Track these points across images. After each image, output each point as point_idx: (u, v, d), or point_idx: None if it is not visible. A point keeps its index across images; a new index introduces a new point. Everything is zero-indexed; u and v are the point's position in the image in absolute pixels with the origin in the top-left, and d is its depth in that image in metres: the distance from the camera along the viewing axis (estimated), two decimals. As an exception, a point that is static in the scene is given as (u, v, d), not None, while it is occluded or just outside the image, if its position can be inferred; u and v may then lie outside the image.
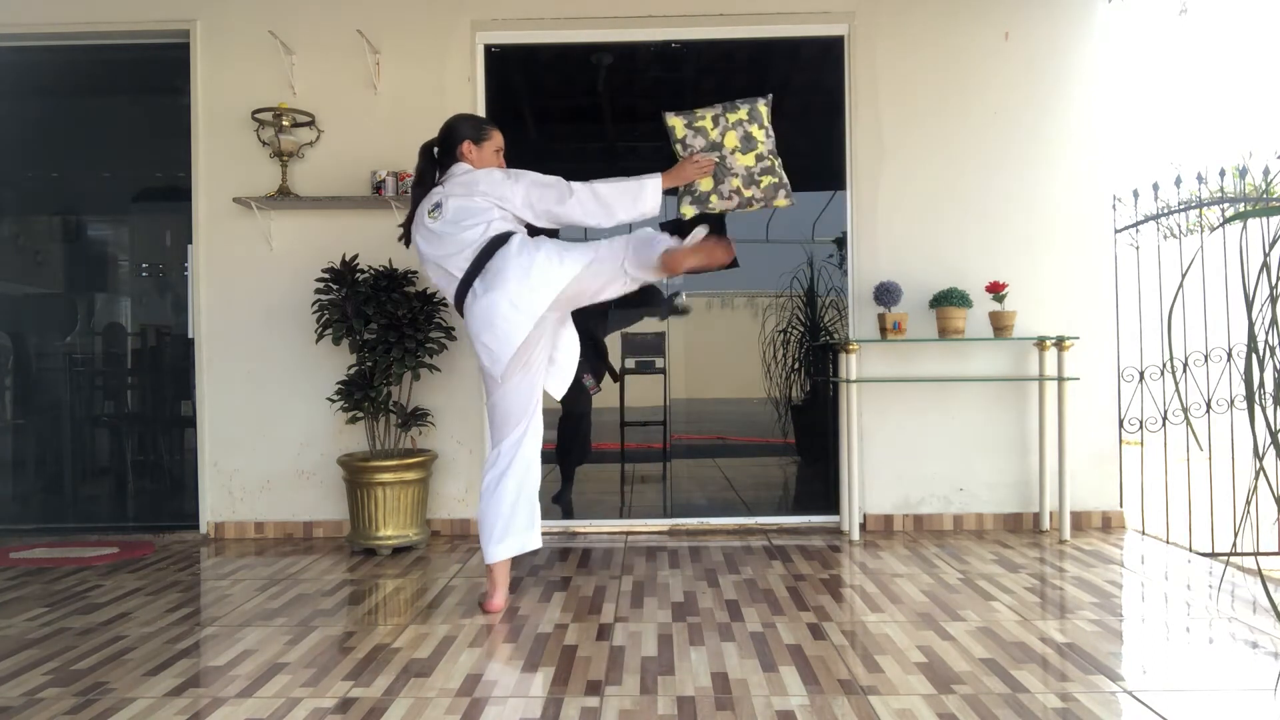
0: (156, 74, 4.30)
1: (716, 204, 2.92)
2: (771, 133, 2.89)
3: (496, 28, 4.09)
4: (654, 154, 4.37)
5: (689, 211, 2.90)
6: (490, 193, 2.72)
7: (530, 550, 2.86)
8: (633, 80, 4.27)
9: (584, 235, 3.43)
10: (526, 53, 4.17)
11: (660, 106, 4.02)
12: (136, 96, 4.45)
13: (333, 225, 4.04)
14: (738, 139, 2.86)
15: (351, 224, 4.04)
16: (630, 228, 2.85)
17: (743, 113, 2.86)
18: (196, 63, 4.08)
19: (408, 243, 2.89)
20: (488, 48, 4.13)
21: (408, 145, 4.01)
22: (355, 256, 3.77)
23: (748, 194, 2.89)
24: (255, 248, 4.05)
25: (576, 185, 2.75)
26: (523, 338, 2.63)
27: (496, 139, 2.92)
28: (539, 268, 2.61)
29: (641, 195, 2.77)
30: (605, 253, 2.70)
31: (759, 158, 2.86)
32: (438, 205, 2.76)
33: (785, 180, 2.91)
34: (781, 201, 2.92)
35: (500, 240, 2.67)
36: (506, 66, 4.16)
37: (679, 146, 2.87)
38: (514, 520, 2.84)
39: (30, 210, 4.44)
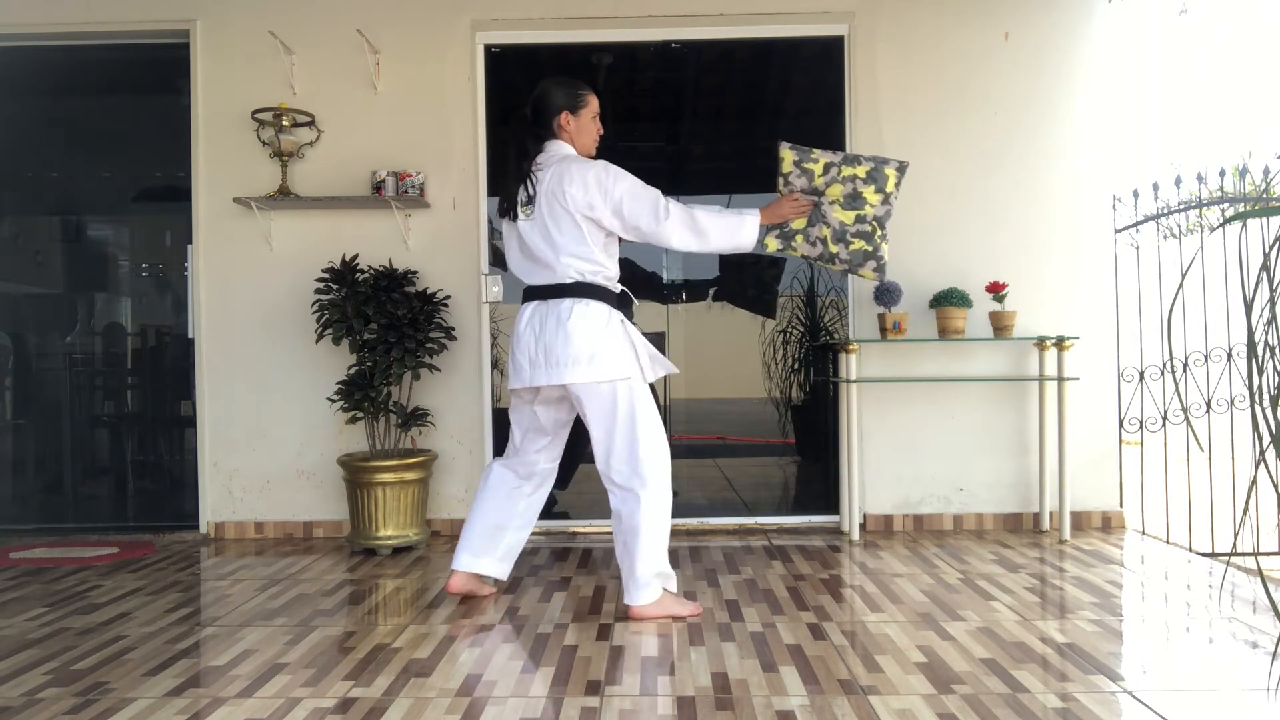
0: (156, 74, 4.30)
1: (800, 246, 2.83)
2: (891, 200, 2.79)
3: (496, 28, 4.09)
4: (654, 154, 4.39)
5: (772, 245, 2.83)
6: (579, 198, 2.61)
7: (486, 574, 2.91)
8: (633, 80, 4.27)
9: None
10: (526, 53, 4.17)
11: (660, 106, 4.03)
12: (136, 96, 4.45)
13: (333, 225, 4.04)
14: (843, 193, 2.77)
15: (351, 224, 4.04)
16: None
17: (861, 170, 2.75)
18: (196, 63, 4.08)
19: (511, 215, 2.73)
20: (488, 48, 4.13)
21: (408, 145, 4.04)
22: (355, 256, 3.77)
23: (833, 249, 2.80)
24: (255, 248, 4.05)
25: (674, 206, 2.66)
26: (518, 386, 2.73)
27: (593, 104, 2.78)
28: (598, 362, 2.63)
29: (740, 230, 2.72)
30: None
31: (859, 219, 2.77)
32: (531, 201, 2.67)
33: (881, 254, 2.82)
34: (868, 274, 2.84)
35: (574, 292, 2.65)
36: (506, 66, 4.16)
37: (781, 180, 2.80)
38: (499, 543, 2.89)
39: (30, 210, 4.44)
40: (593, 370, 2.61)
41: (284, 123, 3.91)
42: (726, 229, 2.71)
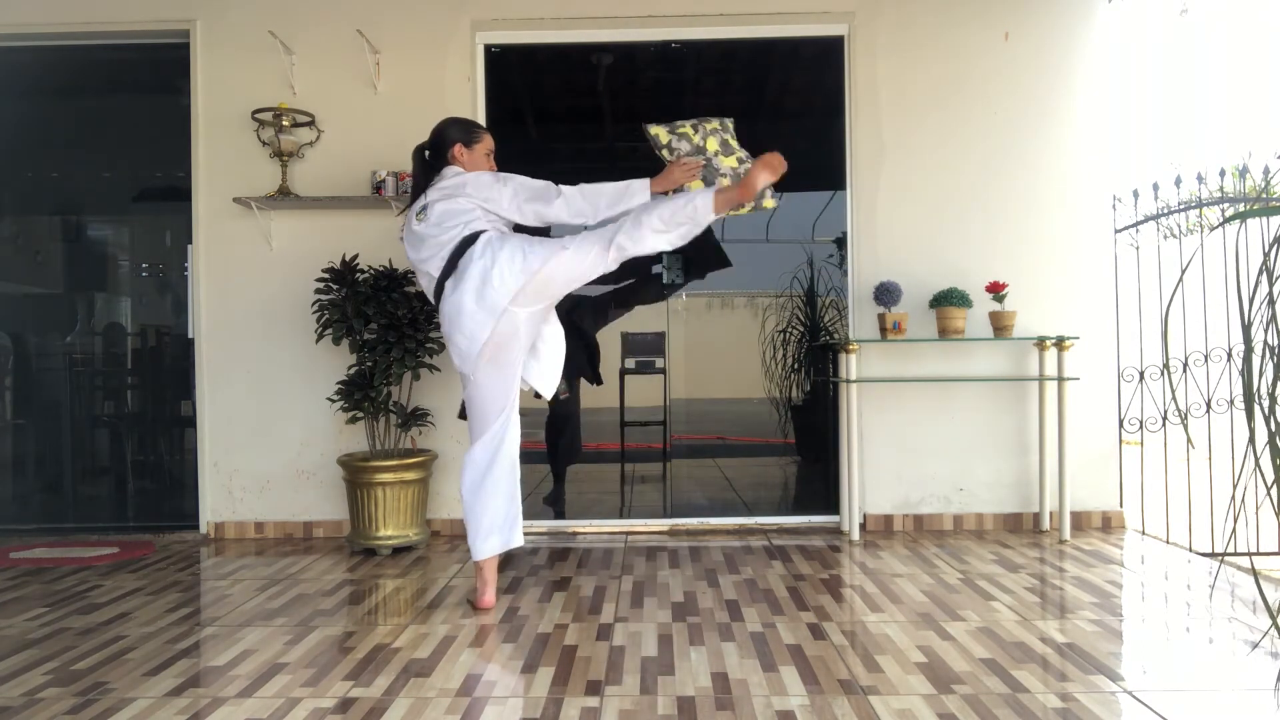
0: (156, 74, 4.31)
1: None
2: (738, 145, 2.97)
3: (496, 28, 4.09)
4: (654, 154, 4.38)
5: None
6: (475, 194, 2.77)
7: (514, 547, 2.90)
8: (633, 80, 4.27)
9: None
10: (526, 53, 4.17)
11: (660, 106, 4.03)
12: (136, 96, 4.45)
13: (333, 225, 4.04)
14: (718, 143, 2.94)
15: (351, 224, 4.04)
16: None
17: (715, 123, 2.96)
18: (196, 63, 4.08)
19: (407, 227, 2.94)
20: (488, 48, 4.13)
21: (408, 145, 4.00)
22: (355, 256, 3.77)
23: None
24: (255, 248, 4.05)
25: (564, 187, 2.81)
26: (486, 334, 2.69)
27: (487, 142, 2.97)
28: (501, 264, 2.67)
29: (629, 197, 2.81)
30: (583, 241, 2.75)
31: (740, 160, 2.93)
32: (425, 208, 2.82)
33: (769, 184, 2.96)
34: (769, 202, 2.97)
35: (470, 240, 2.73)
36: (506, 66, 4.16)
37: (665, 152, 2.94)
38: (499, 517, 2.87)
39: (30, 210, 4.44)
40: (514, 277, 2.67)
41: (284, 123, 3.91)
42: (614, 194, 2.82)
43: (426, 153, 2.95)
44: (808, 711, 1.99)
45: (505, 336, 2.74)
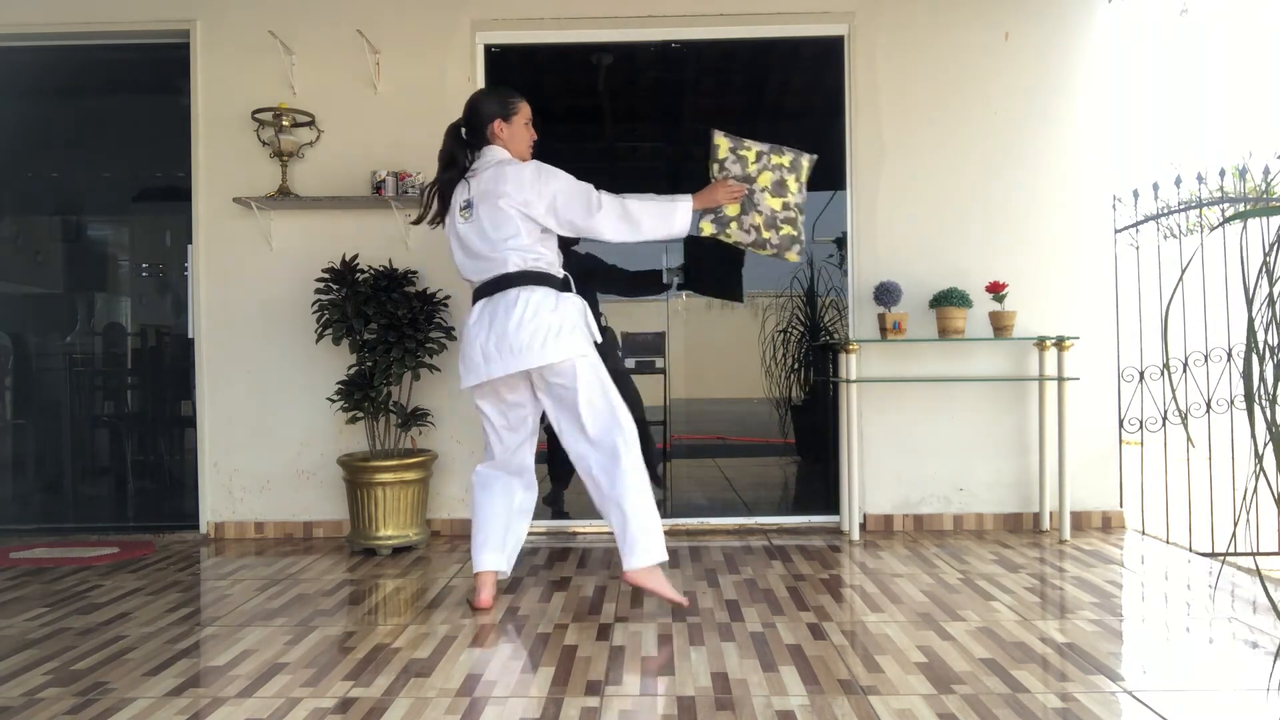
0: (156, 74, 4.30)
1: (734, 232, 2.91)
2: (804, 190, 2.93)
3: (496, 28, 4.09)
4: (654, 154, 4.39)
5: (707, 229, 2.90)
6: (515, 196, 2.68)
7: (497, 570, 2.90)
8: (633, 80, 4.27)
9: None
10: (526, 53, 4.17)
11: (660, 106, 4.02)
12: (136, 96, 4.45)
13: (333, 225, 4.04)
14: (771, 181, 2.88)
15: (351, 224, 4.04)
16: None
17: (785, 159, 2.89)
18: (196, 63, 4.08)
19: (436, 222, 2.88)
20: (488, 48, 4.13)
21: (408, 145, 4.04)
22: (355, 256, 3.77)
23: (765, 235, 2.90)
24: (255, 248, 4.05)
25: (606, 199, 2.72)
26: (472, 383, 2.75)
27: (525, 110, 2.87)
28: (524, 342, 2.65)
29: (672, 216, 2.76)
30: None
31: (786, 206, 2.88)
32: (469, 205, 2.75)
33: (802, 237, 2.95)
34: (792, 256, 2.95)
35: (522, 280, 2.68)
36: (506, 66, 4.16)
37: (715, 166, 2.89)
38: (508, 538, 2.91)
39: (30, 210, 4.44)
40: (548, 352, 2.64)
41: (284, 123, 3.91)
42: (659, 215, 2.76)
43: (463, 130, 2.85)
44: (808, 711, 1.99)
45: (510, 402, 2.81)
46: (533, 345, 2.63)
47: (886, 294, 3.82)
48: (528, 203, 2.69)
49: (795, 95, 4.34)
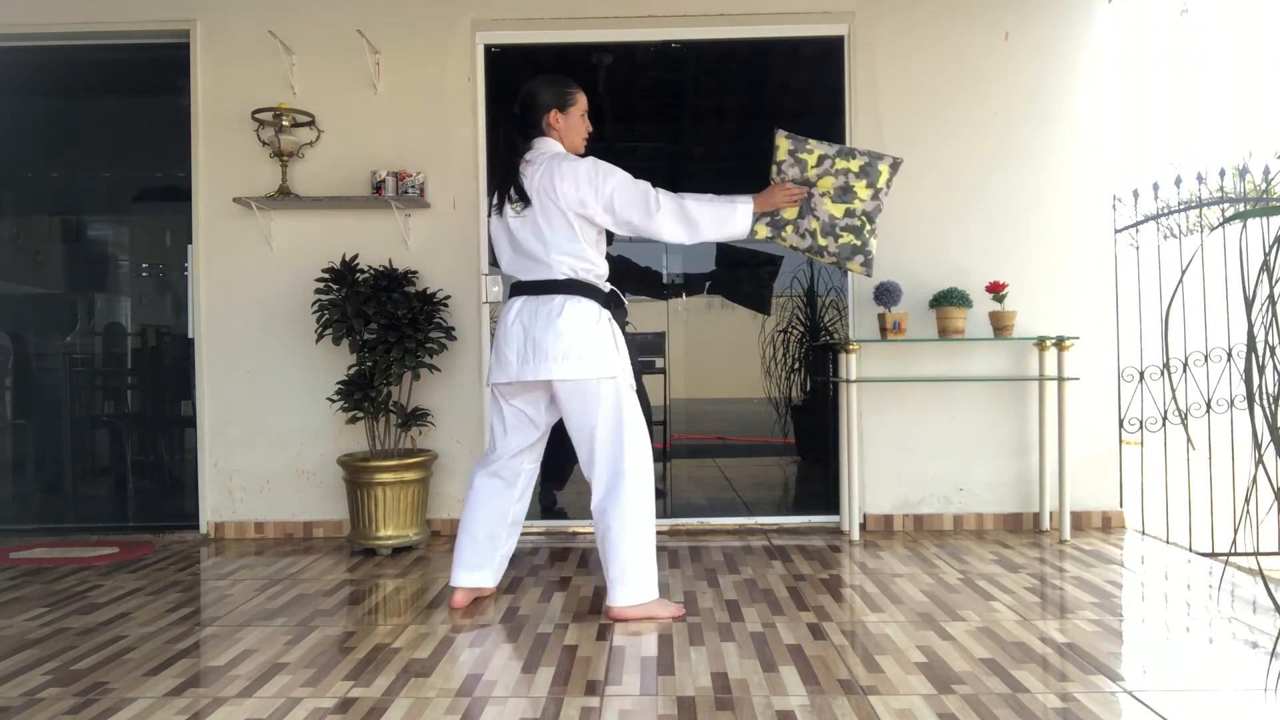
0: (156, 74, 4.30)
1: (789, 236, 2.82)
2: (882, 196, 2.78)
3: (496, 28, 4.09)
4: (654, 154, 4.39)
5: (762, 233, 2.81)
6: (571, 196, 2.61)
7: (478, 588, 2.88)
8: (633, 80, 4.27)
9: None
10: (526, 53, 4.17)
11: (660, 106, 4.03)
12: (136, 96, 4.45)
13: (333, 225, 4.04)
14: (834, 186, 2.77)
15: (351, 224, 4.04)
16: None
17: (855, 164, 2.75)
18: (196, 63, 4.08)
19: (499, 211, 2.73)
20: (488, 48, 4.13)
21: (408, 145, 4.04)
22: (355, 256, 3.77)
23: (822, 243, 2.79)
24: (255, 248, 4.05)
25: (664, 198, 2.66)
26: (501, 381, 2.71)
27: (582, 101, 2.80)
28: (568, 358, 2.61)
29: (732, 219, 2.71)
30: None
31: (849, 213, 2.76)
32: (522, 197, 2.67)
33: (869, 249, 2.80)
34: (855, 267, 2.82)
35: (566, 289, 2.64)
36: (506, 66, 4.16)
37: (775, 168, 2.80)
38: (495, 553, 2.87)
39: (30, 210, 4.44)
40: (582, 367, 2.60)
41: (284, 123, 3.91)
42: (718, 218, 2.70)
43: (518, 111, 2.76)
44: (808, 711, 1.99)
45: (525, 401, 2.78)
46: (569, 357, 2.59)
47: (886, 294, 3.82)
48: (584, 202, 2.62)
49: (795, 95, 4.34)
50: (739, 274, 4.28)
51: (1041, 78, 4.04)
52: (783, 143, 2.79)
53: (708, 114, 4.37)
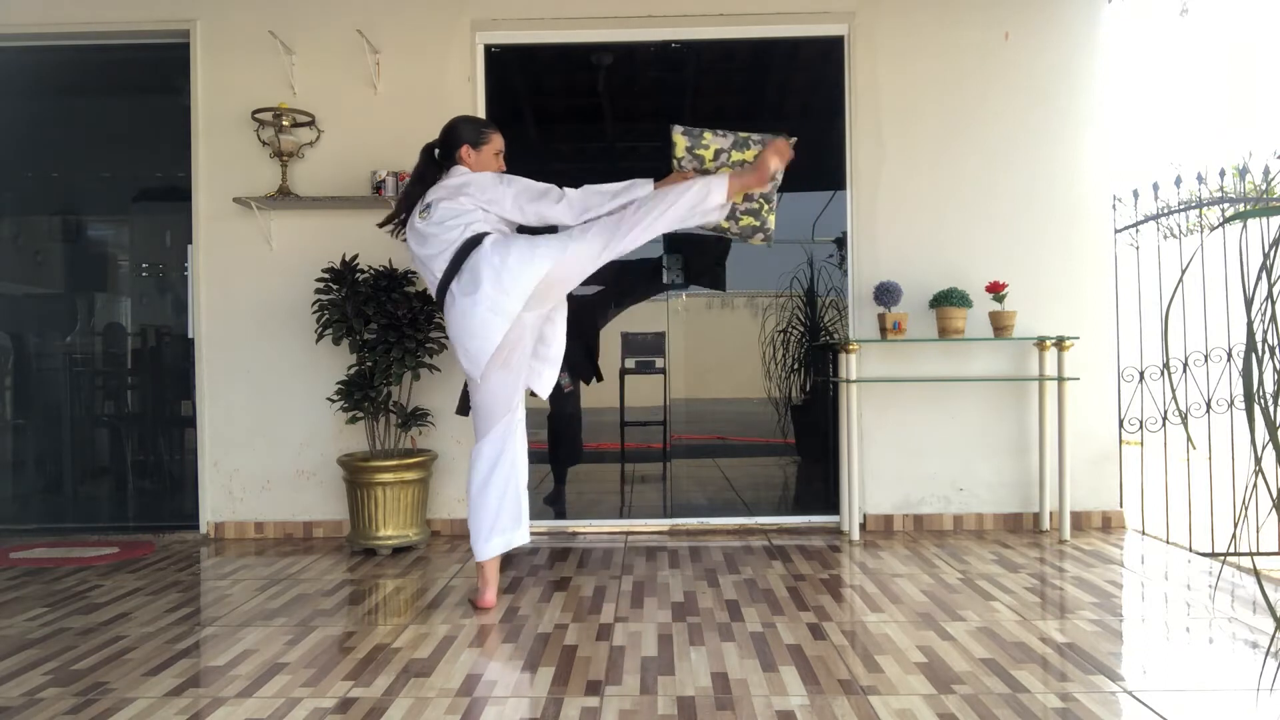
0: (156, 74, 4.30)
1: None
2: (777, 177, 2.84)
3: (496, 28, 4.09)
4: (654, 154, 4.38)
5: None
6: (477, 195, 2.76)
7: (518, 546, 2.89)
8: (633, 80, 4.27)
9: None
10: (526, 53, 4.17)
11: (660, 106, 4.01)
12: (136, 96, 4.45)
13: (333, 225, 4.04)
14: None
15: (351, 224, 4.03)
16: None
17: (750, 154, 2.83)
18: (196, 63, 4.08)
19: (394, 234, 2.95)
20: (488, 48, 4.13)
21: (408, 145, 4.01)
22: (355, 256, 3.77)
23: (724, 225, 2.90)
24: (255, 248, 4.05)
25: (568, 189, 2.79)
26: (499, 339, 2.66)
27: (496, 142, 2.94)
28: (511, 267, 2.63)
29: (633, 188, 2.78)
30: (587, 234, 2.73)
31: (747, 198, 2.86)
32: (428, 206, 2.80)
33: (768, 225, 2.91)
34: (756, 241, 2.95)
35: (475, 241, 2.70)
36: (506, 66, 4.16)
37: (675, 162, 2.89)
38: (501, 518, 2.87)
39: (30, 210, 4.44)
40: (538, 256, 2.65)
41: (284, 123, 3.91)
42: (618, 189, 2.78)
43: (436, 151, 2.94)
44: (808, 711, 1.99)
45: (514, 340, 2.75)
46: (527, 267, 2.64)
47: (886, 294, 3.82)
48: (493, 200, 2.76)
49: (795, 95, 4.35)
50: (687, 255, 4.24)
51: (1041, 77, 4.04)
52: (679, 139, 2.85)
53: (708, 114, 4.37)
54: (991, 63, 4.04)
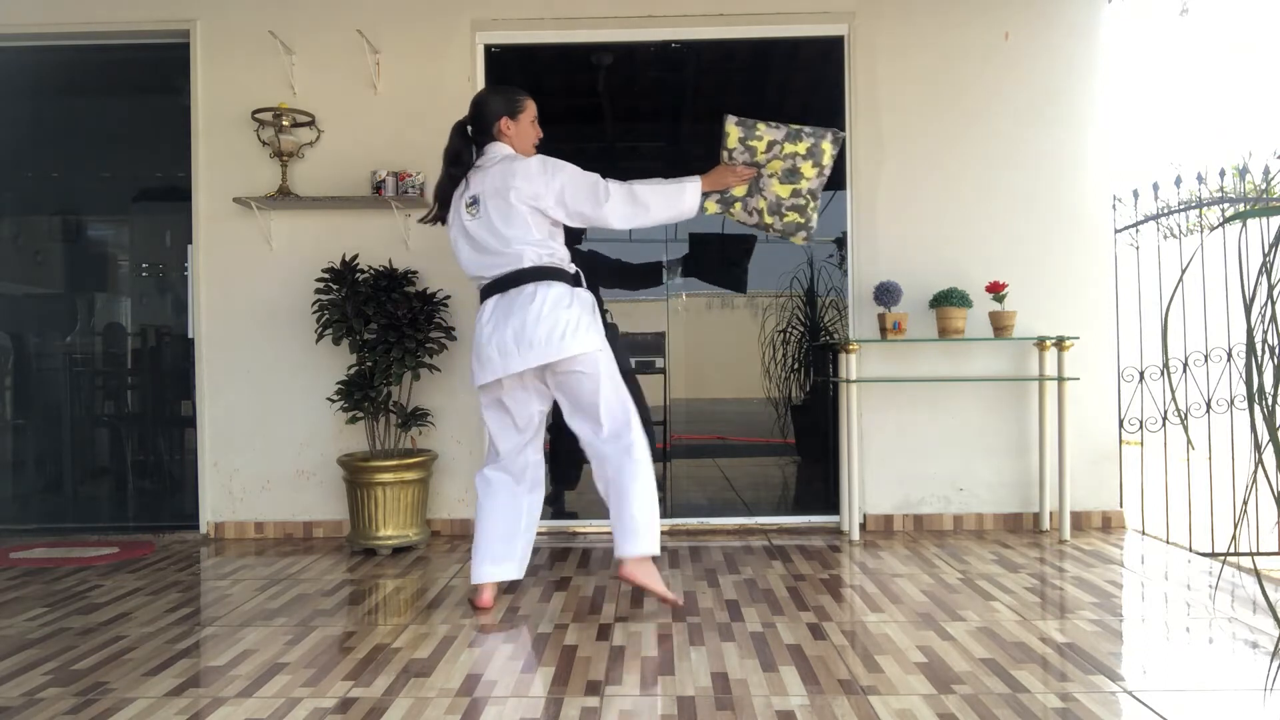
0: (156, 74, 4.30)
1: (737, 213, 2.93)
2: (825, 173, 2.87)
3: (496, 28, 4.09)
4: (654, 154, 4.39)
5: (711, 208, 2.92)
6: (524, 188, 2.68)
7: (504, 580, 2.90)
8: (633, 80, 4.27)
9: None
10: (526, 53, 4.17)
11: (660, 106, 4.00)
12: (136, 96, 4.45)
13: (333, 225, 4.04)
14: (782, 169, 2.85)
15: (351, 224, 4.04)
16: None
17: (801, 147, 2.82)
18: (196, 63, 4.08)
19: (438, 221, 2.89)
20: (488, 48, 4.13)
21: (408, 145, 4.04)
22: (355, 256, 3.78)
23: (768, 220, 2.90)
24: (255, 248, 4.05)
25: (614, 187, 2.73)
26: (489, 380, 2.72)
27: (531, 108, 2.89)
28: (542, 337, 2.64)
29: (681, 197, 2.77)
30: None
31: (795, 193, 2.85)
32: (475, 201, 2.74)
33: (812, 223, 2.93)
34: (798, 239, 2.97)
35: (536, 276, 2.67)
36: (506, 66, 4.16)
37: (725, 153, 2.86)
38: (516, 547, 2.89)
39: (30, 210, 4.44)
40: (565, 345, 2.64)
41: (284, 123, 3.91)
42: (667, 198, 2.77)
43: (469, 128, 2.85)
44: (808, 711, 1.99)
45: (519, 398, 2.80)
46: (552, 339, 2.63)
47: (886, 294, 3.82)
48: (537, 195, 2.69)
49: (795, 95, 4.34)
50: (710, 254, 4.25)
51: (1041, 77, 4.04)
52: (733, 130, 2.83)
53: (708, 114, 4.36)
54: (991, 63, 4.04)
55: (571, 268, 2.79)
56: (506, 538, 2.87)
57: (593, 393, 2.72)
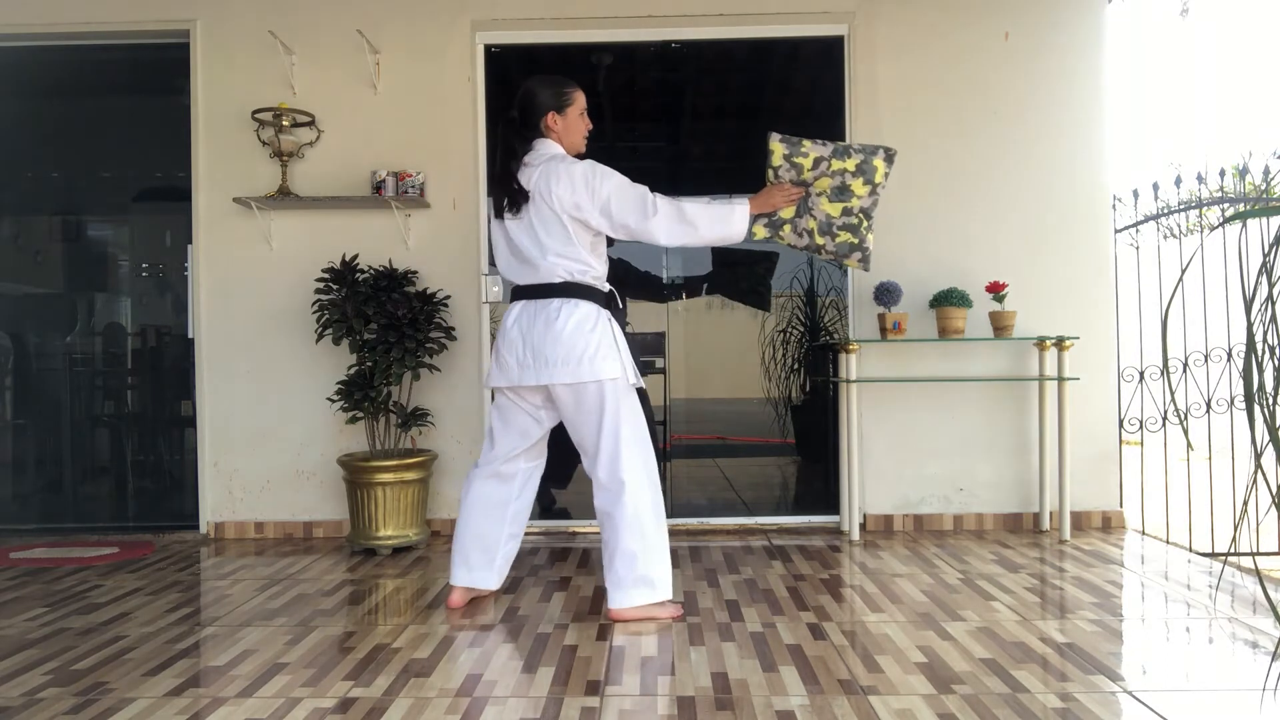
0: (156, 74, 4.30)
1: (787, 235, 2.83)
2: (879, 191, 2.77)
3: (496, 28, 4.09)
4: (654, 154, 4.39)
5: (760, 233, 2.82)
6: (565, 199, 2.60)
7: (476, 588, 2.88)
8: (633, 80, 4.27)
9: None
10: (526, 53, 4.17)
11: (660, 106, 4.01)
12: (136, 96, 4.45)
13: (333, 225, 4.04)
14: (830, 186, 2.75)
15: (351, 224, 4.04)
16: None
17: (850, 163, 2.73)
18: (196, 63, 4.08)
19: (503, 213, 2.71)
20: (488, 48, 4.13)
21: (408, 145, 4.04)
22: (355, 256, 3.78)
23: (819, 241, 2.79)
24: (255, 248, 4.05)
25: (661, 202, 2.63)
26: (501, 385, 2.72)
27: (580, 100, 2.78)
28: (561, 356, 2.61)
29: (730, 220, 2.70)
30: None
31: (846, 211, 2.76)
32: (521, 200, 2.66)
33: (867, 245, 2.80)
34: (852, 263, 2.83)
35: (569, 291, 2.63)
36: (506, 66, 4.16)
37: (771, 172, 2.78)
38: (497, 556, 2.85)
39: (30, 210, 4.44)
40: (580, 371, 2.59)
41: (284, 123, 3.91)
42: (715, 220, 2.69)
43: (516, 118, 2.74)
44: (808, 711, 1.99)
45: (525, 409, 2.78)
46: (569, 361, 2.58)
47: (886, 294, 3.82)
48: (579, 205, 2.60)
49: (795, 95, 4.34)
50: (737, 272, 4.28)
51: (1041, 77, 4.04)
52: (777, 147, 2.75)
53: (708, 114, 4.37)
54: (991, 63, 4.04)
55: (606, 287, 2.73)
56: (486, 548, 2.84)
57: (593, 427, 2.64)
